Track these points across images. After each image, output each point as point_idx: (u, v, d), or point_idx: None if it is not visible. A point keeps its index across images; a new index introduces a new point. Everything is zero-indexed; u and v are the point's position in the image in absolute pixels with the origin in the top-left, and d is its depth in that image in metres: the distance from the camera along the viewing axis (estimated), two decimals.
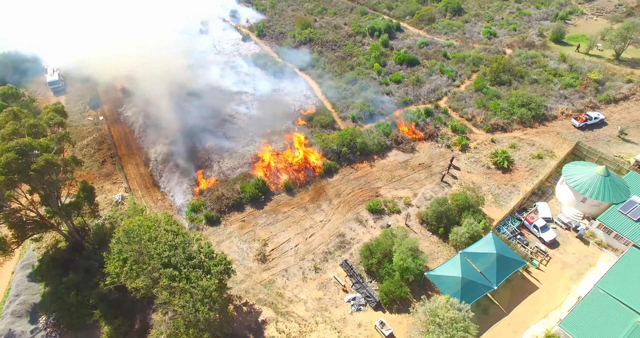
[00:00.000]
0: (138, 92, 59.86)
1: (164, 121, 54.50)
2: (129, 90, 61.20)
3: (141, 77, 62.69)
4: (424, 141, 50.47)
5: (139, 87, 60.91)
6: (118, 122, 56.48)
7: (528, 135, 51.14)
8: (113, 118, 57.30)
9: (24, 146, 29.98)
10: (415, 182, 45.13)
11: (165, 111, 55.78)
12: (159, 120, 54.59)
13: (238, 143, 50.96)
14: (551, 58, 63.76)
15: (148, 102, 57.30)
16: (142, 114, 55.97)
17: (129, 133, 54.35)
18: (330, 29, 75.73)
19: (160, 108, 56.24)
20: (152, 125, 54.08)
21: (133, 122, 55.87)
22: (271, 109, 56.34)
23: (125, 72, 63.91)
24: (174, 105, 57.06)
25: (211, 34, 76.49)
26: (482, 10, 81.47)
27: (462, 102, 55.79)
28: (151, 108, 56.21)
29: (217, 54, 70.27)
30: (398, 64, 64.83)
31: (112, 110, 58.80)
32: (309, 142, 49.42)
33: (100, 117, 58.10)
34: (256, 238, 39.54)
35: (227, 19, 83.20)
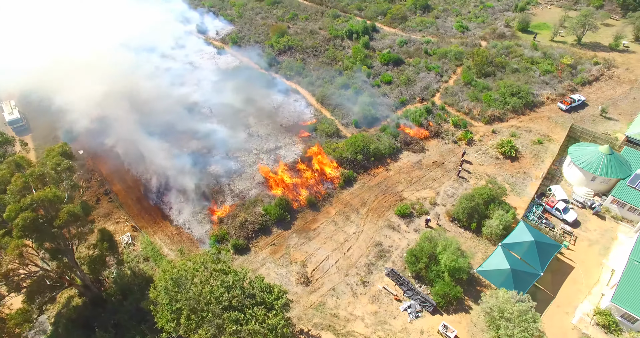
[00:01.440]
0: (119, 118, 56.31)
1: (157, 148, 51.76)
2: (107, 117, 57.28)
3: (119, 101, 59.22)
4: (431, 139, 52.34)
5: (118, 112, 57.37)
6: (102, 154, 52.58)
7: (523, 122, 54.85)
8: (95, 151, 53.29)
9: (41, 201, 27.11)
10: (434, 181, 46.70)
11: (156, 137, 53.02)
12: (152, 147, 51.69)
13: (244, 162, 49.63)
14: (525, 47, 68.84)
15: (134, 128, 54.11)
16: (130, 143, 52.61)
17: (118, 165, 50.81)
18: (307, 35, 76.04)
19: (150, 134, 53.36)
20: (144, 153, 51.06)
21: (121, 152, 52.35)
22: (270, 124, 55.53)
23: (98, 97, 60.09)
24: (164, 129, 54.41)
25: (184, 50, 73.76)
26: (448, 5, 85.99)
27: (456, 97, 58.56)
28: (140, 135, 53.11)
29: (194, 71, 67.95)
30: (384, 64, 66.60)
31: (91, 142, 54.63)
32: (320, 153, 49.32)
33: (79, 151, 53.83)
34: (293, 260, 38.78)
35: (195, 33, 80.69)
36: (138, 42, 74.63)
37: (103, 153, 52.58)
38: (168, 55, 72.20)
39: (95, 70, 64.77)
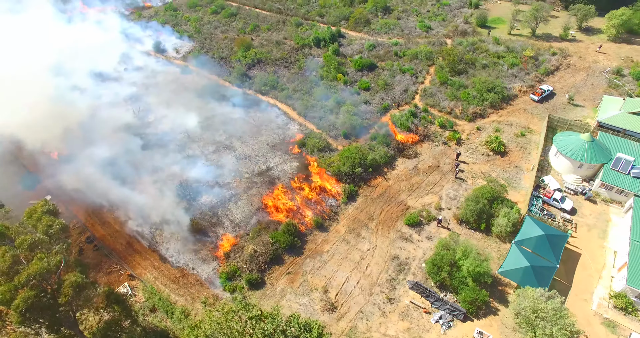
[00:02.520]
0: (86, 155, 51.94)
1: (139, 184, 48.31)
2: (70, 154, 52.55)
3: (81, 132, 54.80)
4: (421, 143, 53.45)
5: (84, 149, 53.01)
6: (75, 198, 47.93)
7: (503, 117, 57.72)
8: (65, 195, 48.45)
9: (39, 275, 23.90)
10: (434, 185, 47.67)
11: (135, 171, 49.47)
12: (132, 184, 48.14)
13: (237, 188, 47.64)
14: (488, 42, 72.62)
15: (107, 165, 50.10)
16: (104, 182, 48.54)
17: (97, 208, 46.62)
18: (273, 46, 74.83)
19: (127, 169, 49.70)
20: (124, 192, 47.33)
21: (96, 193, 48.07)
22: (256, 144, 53.83)
23: (56, 132, 55.15)
24: (142, 162, 50.90)
25: (142, 72, 69.54)
26: (407, 5, 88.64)
27: (435, 98, 60.34)
28: (115, 170, 49.24)
29: (160, 94, 64.28)
30: (358, 70, 67.15)
31: (59, 186, 49.64)
32: (316, 170, 48.60)
33: (47, 197, 48.71)
34: (312, 287, 37.68)
35: (152, 52, 76.49)
36: (89, 67, 69.85)
37: (75, 195, 47.95)
38: (125, 79, 67.73)
39: (50, 99, 59.91)
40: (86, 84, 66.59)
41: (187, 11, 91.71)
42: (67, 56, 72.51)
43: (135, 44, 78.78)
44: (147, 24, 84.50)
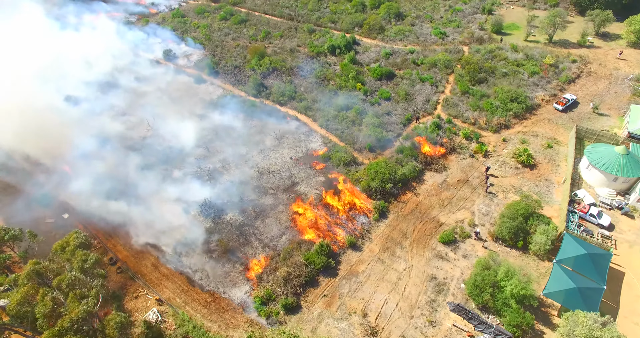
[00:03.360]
0: (101, 170, 50.80)
1: (159, 201, 47.15)
2: (84, 169, 51.27)
3: (94, 149, 53.70)
4: (448, 156, 52.76)
5: (99, 163, 51.86)
6: (93, 216, 46.60)
7: (527, 127, 57.22)
8: (82, 213, 47.11)
9: (81, 318, 22.84)
10: (465, 200, 46.98)
11: (154, 187, 48.27)
12: (152, 201, 46.96)
13: (263, 205, 46.60)
14: (506, 50, 72.22)
15: (124, 180, 48.96)
16: (123, 198, 47.32)
17: (117, 226, 45.31)
18: (287, 54, 73.93)
19: (145, 185, 48.51)
20: (144, 210, 46.14)
21: (115, 211, 46.79)
22: (278, 158, 52.84)
23: (67, 146, 54.05)
24: (160, 178, 49.79)
25: (155, 82, 68.32)
26: (419, 11, 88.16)
27: (458, 108, 59.75)
28: (133, 187, 48.09)
29: (172, 105, 63.12)
30: (377, 79, 66.44)
31: (76, 203, 48.34)
32: (345, 185, 47.73)
33: (64, 215, 47.48)
34: (350, 311, 36.75)
35: (162, 60, 75.29)
36: (97, 77, 68.74)
37: (93, 212, 46.66)
38: (137, 89, 66.50)
39: (57, 111, 58.92)
40: (95, 95, 65.62)
41: (195, 17, 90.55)
42: (74, 65, 71.64)
43: (144, 51, 77.53)
44: (156, 31, 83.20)
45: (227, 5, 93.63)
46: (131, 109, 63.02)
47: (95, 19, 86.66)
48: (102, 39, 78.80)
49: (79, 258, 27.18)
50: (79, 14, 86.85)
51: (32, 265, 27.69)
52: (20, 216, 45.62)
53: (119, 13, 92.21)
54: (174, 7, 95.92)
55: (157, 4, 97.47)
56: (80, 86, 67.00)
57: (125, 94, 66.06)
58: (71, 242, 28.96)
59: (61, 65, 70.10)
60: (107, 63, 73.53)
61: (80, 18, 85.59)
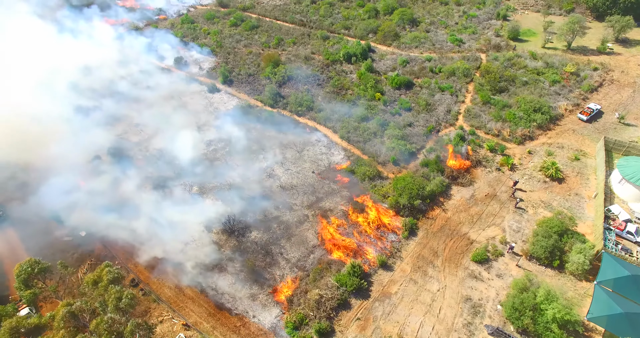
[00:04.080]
0: (117, 183, 50.01)
1: (179, 218, 46.22)
2: (100, 183, 50.42)
3: (109, 160, 52.97)
4: (474, 169, 52.01)
5: (115, 176, 51.06)
6: (110, 233, 45.55)
7: (552, 138, 56.52)
8: (99, 230, 46.06)
9: None
10: (494, 216, 46.22)
11: (173, 203, 47.39)
12: (171, 218, 46.03)
13: (288, 223, 45.72)
14: (525, 57, 71.57)
15: (142, 195, 48.05)
16: (141, 214, 46.39)
17: (137, 246, 44.38)
18: (302, 62, 73.11)
19: (164, 201, 47.63)
20: (165, 227, 45.24)
21: (134, 228, 45.85)
22: (300, 171, 51.98)
23: (81, 157, 53.38)
24: (178, 192, 48.90)
25: (167, 91, 67.37)
26: (433, 17, 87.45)
27: (480, 119, 59.02)
28: (151, 202, 47.20)
29: (188, 115, 62.23)
30: (396, 88, 65.68)
31: (93, 219, 47.32)
32: (370, 200, 46.92)
33: (81, 233, 46.47)
34: (386, 335, 35.90)
35: (173, 68, 74.35)
36: (109, 85, 67.82)
37: (110, 229, 45.66)
38: (154, 101, 65.52)
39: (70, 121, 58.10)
40: (106, 105, 64.70)
41: (204, 23, 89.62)
42: (82, 74, 70.81)
43: (154, 59, 76.63)
44: (165, 38, 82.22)
45: (236, 11, 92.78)
46: (143, 119, 62.05)
47: (101, 25, 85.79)
48: (110, 47, 78.22)
49: (113, 296, 26.30)
50: (85, 21, 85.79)
51: (66, 306, 26.72)
52: (37, 236, 44.61)
53: (126, 19, 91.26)
54: (183, 13, 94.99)
55: (165, 10, 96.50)
56: (90, 96, 66.39)
57: (137, 105, 65.05)
58: (104, 277, 28.05)
59: (68, 73, 69.48)
60: (116, 71, 72.92)
61: (87, 25, 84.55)
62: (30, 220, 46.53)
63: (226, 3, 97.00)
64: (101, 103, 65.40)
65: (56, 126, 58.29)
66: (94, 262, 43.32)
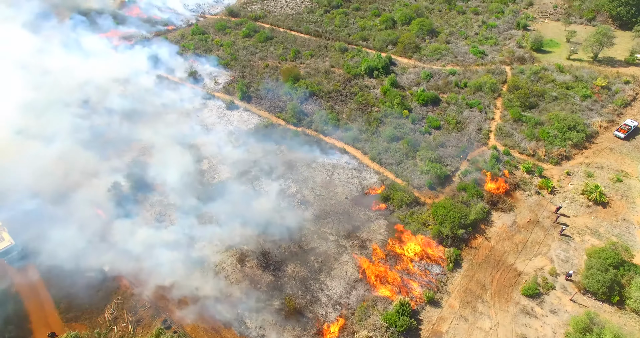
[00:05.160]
0: (140, 213, 48.32)
1: (210, 250, 44.62)
2: (121, 213, 48.72)
3: (128, 186, 51.24)
4: (512, 193, 50.76)
5: (137, 206, 49.35)
6: (138, 269, 43.84)
7: (589, 158, 55.49)
8: (125, 264, 44.29)
9: None
10: (539, 244, 44.98)
11: (201, 234, 45.74)
12: (202, 251, 44.40)
13: (325, 254, 44.16)
14: (552, 70, 70.60)
15: (167, 227, 46.31)
16: (169, 247, 44.67)
17: (165, 281, 42.52)
18: (322, 76, 71.64)
19: (193, 232, 45.95)
20: (195, 261, 43.59)
21: (161, 262, 44.05)
22: (332, 197, 50.42)
23: (98, 183, 51.68)
24: (205, 223, 47.18)
25: (184, 108, 65.56)
26: (452, 27, 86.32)
27: (513, 138, 57.88)
28: (177, 236, 45.53)
29: (209, 134, 60.53)
30: (422, 105, 64.39)
31: (115, 252, 45.44)
32: (410, 229, 45.52)
33: (104, 267, 44.54)
34: None
35: (187, 83, 72.53)
36: (124, 102, 65.93)
37: (137, 264, 43.84)
38: (172, 121, 63.69)
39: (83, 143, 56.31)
40: (119, 125, 62.85)
41: (215, 34, 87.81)
42: (92, 91, 68.99)
43: (166, 73, 74.82)
44: (176, 50, 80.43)
45: (248, 21, 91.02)
46: (160, 140, 60.13)
47: (107, 38, 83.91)
48: (118, 60, 76.41)
49: None
50: (90, 33, 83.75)
51: None
52: (58, 273, 42.54)
53: (132, 30, 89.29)
54: (192, 23, 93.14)
55: (173, 20, 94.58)
56: (101, 114, 64.53)
57: (152, 123, 63.13)
58: None
59: (74, 91, 67.71)
60: (127, 87, 71.13)
61: (92, 37, 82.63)
62: (50, 255, 44.62)
63: (236, 12, 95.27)
64: (114, 121, 63.62)
65: (69, 150, 56.59)
66: (121, 300, 41.53)
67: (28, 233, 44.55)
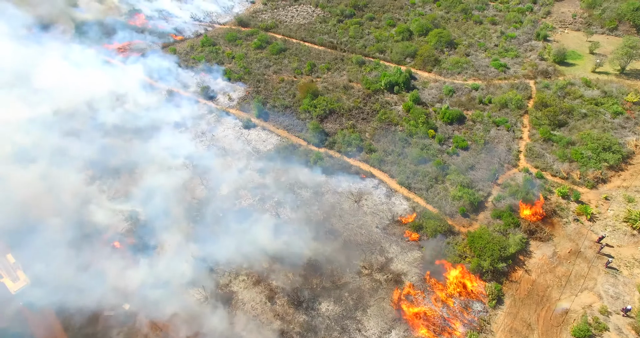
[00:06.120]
0: (159, 244, 46.25)
1: (238, 285, 42.70)
2: (138, 244, 46.79)
3: (144, 213, 49.21)
4: (549, 220, 49.11)
5: (154, 237, 47.35)
6: (160, 308, 41.89)
7: (627, 181, 53.93)
8: (147, 303, 42.27)
9: None
10: (584, 278, 43.33)
11: (227, 267, 43.80)
12: (227, 287, 42.47)
13: (359, 291, 42.29)
14: (578, 85, 69.10)
15: (187, 260, 44.32)
16: (192, 280, 42.77)
17: (192, 324, 40.60)
18: (341, 92, 69.84)
19: (217, 267, 44.02)
20: (222, 301, 41.67)
21: (183, 300, 42.13)
22: (362, 225, 48.57)
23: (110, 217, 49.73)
24: (231, 256, 45.23)
25: (197, 126, 63.56)
26: (470, 38, 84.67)
27: (544, 159, 56.29)
28: (200, 271, 43.58)
29: (226, 156, 58.56)
30: (447, 123, 62.71)
31: (136, 291, 43.48)
32: (447, 262, 43.73)
33: (124, 306, 42.48)
34: None
35: (200, 98, 70.55)
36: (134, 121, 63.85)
37: (161, 305, 41.84)
38: (186, 141, 61.64)
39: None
40: (129, 143, 60.81)
41: (226, 45, 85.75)
42: (101, 107, 66.91)
43: (177, 87, 72.83)
44: (185, 63, 78.43)
45: (259, 31, 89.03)
46: (175, 162, 58.12)
47: (108, 50, 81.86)
48: (125, 74, 74.42)
49: None
50: (90, 45, 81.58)
51: None
52: (76, 314, 40.44)
53: (138, 40, 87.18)
54: (201, 33, 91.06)
55: (180, 30, 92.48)
56: (112, 135, 62.46)
57: (165, 143, 61.01)
58: None
59: (77, 108, 65.65)
60: (137, 103, 69.09)
61: (93, 50, 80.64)
62: (67, 294, 42.53)
63: (246, 22, 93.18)
64: (125, 141, 61.58)
65: (80, 176, 54.66)
66: None
67: (43, 270, 42.32)
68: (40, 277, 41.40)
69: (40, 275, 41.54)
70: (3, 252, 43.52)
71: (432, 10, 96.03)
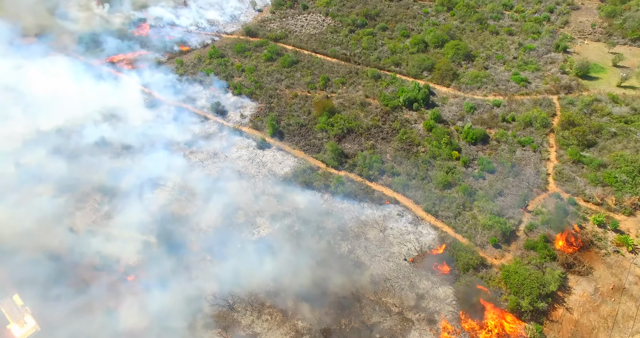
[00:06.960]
0: (174, 282, 43.91)
1: (260, 325, 40.42)
2: (154, 279, 44.43)
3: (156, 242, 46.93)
4: (587, 251, 47.06)
5: (170, 271, 44.99)
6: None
7: None
8: None
9: None
10: (633, 319, 41.21)
11: (247, 305, 41.50)
12: (249, 324, 40.21)
13: (392, 333, 40.08)
14: (605, 101, 67.18)
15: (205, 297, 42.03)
16: (209, 320, 40.51)
17: None
18: (358, 109, 67.66)
19: (237, 304, 41.71)
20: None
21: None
22: (389, 258, 46.37)
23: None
24: (256, 294, 42.97)
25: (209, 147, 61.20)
26: (487, 50, 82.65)
27: (575, 183, 54.30)
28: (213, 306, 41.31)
29: (240, 180, 56.25)
30: (471, 144, 60.64)
31: (152, 325, 41.21)
32: (483, 300, 41.60)
33: None
34: None
35: (210, 115, 68.24)
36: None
37: None
38: (197, 162, 59.29)
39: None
40: (141, 165, 58.42)
41: (234, 57, 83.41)
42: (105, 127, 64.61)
43: (186, 103, 70.46)
44: (193, 76, 76.10)
45: (268, 41, 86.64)
46: (188, 185, 55.83)
47: (111, 63, 79.54)
48: (130, 88, 72.22)
49: None
50: (90, 58, 79.34)
51: None
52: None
53: (143, 51, 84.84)
54: (207, 43, 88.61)
55: (185, 40, 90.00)
56: (120, 153, 60.17)
57: (176, 165, 58.66)
58: None
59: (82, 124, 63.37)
60: (145, 118, 66.77)
61: (94, 63, 78.43)
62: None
63: (254, 32, 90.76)
64: (134, 162, 59.21)
65: (88, 201, 52.40)
66: None
67: (54, 315, 39.90)
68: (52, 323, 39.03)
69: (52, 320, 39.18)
70: (8, 293, 40.92)
71: (446, 19, 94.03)
